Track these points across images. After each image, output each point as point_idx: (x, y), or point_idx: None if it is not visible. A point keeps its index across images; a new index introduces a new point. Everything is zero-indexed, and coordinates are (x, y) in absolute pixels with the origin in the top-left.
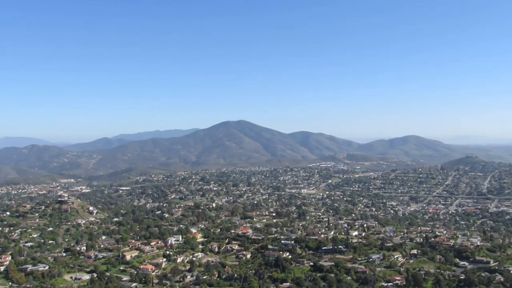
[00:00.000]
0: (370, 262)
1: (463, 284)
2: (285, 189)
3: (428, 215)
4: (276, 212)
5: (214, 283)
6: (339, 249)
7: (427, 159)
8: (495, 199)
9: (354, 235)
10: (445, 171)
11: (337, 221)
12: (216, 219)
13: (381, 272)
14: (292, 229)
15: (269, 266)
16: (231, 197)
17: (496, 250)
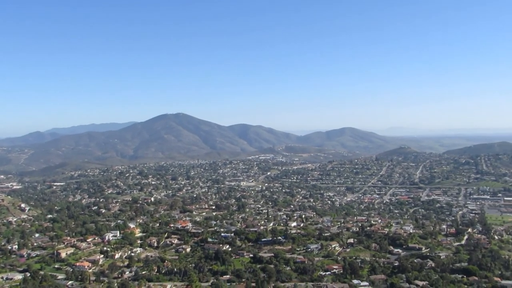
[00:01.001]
0: (309, 252)
1: (397, 270)
2: (224, 182)
3: (364, 205)
4: (215, 205)
5: (153, 278)
6: (278, 240)
7: (362, 150)
8: (427, 188)
9: (293, 226)
10: (379, 162)
11: (276, 213)
12: (154, 214)
13: (319, 262)
14: (232, 222)
15: (209, 259)
16: (170, 191)
17: (427, 237)
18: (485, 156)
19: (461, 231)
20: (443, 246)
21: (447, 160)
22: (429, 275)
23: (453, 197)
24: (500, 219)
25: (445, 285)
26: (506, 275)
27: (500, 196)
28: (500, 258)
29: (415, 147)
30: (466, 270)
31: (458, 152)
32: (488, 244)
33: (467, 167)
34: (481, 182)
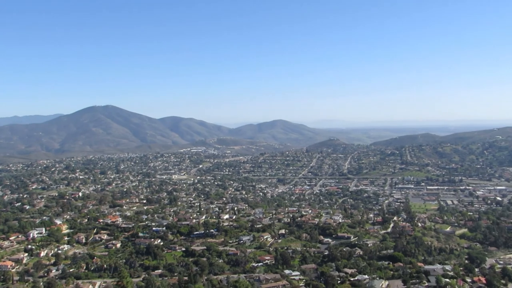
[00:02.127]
0: (241, 244)
1: (327, 259)
2: (155, 175)
3: (295, 196)
4: (146, 199)
5: (82, 275)
6: (211, 233)
7: (293, 143)
8: (355, 178)
9: (225, 219)
10: (310, 154)
11: (208, 206)
12: (83, 209)
13: (252, 253)
14: (164, 216)
15: (140, 254)
16: (99, 186)
17: (356, 226)
18: (409, 147)
19: (387, 220)
20: (370, 234)
21: (374, 152)
22: (357, 262)
23: (379, 187)
24: (423, 207)
25: (373, 272)
26: (429, 260)
27: (423, 185)
28: (423, 244)
29: (344, 139)
30: (392, 256)
31: (384, 144)
32: (412, 231)
33: (392, 158)
34: (406, 172)
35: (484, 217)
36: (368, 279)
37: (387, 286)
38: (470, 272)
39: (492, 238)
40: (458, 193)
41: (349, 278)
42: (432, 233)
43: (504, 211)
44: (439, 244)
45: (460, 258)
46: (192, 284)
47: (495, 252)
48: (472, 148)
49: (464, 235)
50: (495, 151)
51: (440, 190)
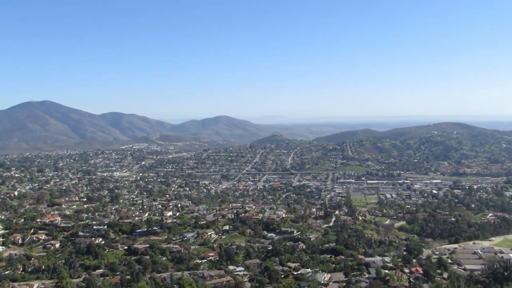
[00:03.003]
0: (185, 241)
1: (271, 254)
2: (96, 172)
3: (239, 192)
4: (87, 197)
5: (18, 277)
6: (154, 230)
7: (237, 138)
8: (298, 173)
9: (168, 216)
10: (253, 150)
11: (151, 203)
12: (19, 208)
13: (196, 250)
14: (105, 214)
15: (80, 254)
16: (36, 184)
17: (299, 220)
18: (350, 143)
19: (329, 214)
20: (313, 228)
21: (316, 147)
22: (300, 256)
23: (322, 182)
24: (364, 201)
25: (315, 265)
26: (369, 253)
27: (363, 179)
28: (364, 237)
29: (287, 134)
30: (334, 250)
31: (326, 139)
32: (353, 224)
33: (334, 153)
34: (347, 167)
35: (421, 210)
36: (311, 273)
37: (329, 279)
38: (408, 263)
39: (429, 229)
40: (397, 187)
41: (292, 272)
42: (372, 226)
43: (439, 204)
44: (379, 237)
45: (398, 249)
46: (135, 283)
47: (431, 243)
48: (409, 143)
49: (403, 227)
50: (431, 146)
51: (380, 184)
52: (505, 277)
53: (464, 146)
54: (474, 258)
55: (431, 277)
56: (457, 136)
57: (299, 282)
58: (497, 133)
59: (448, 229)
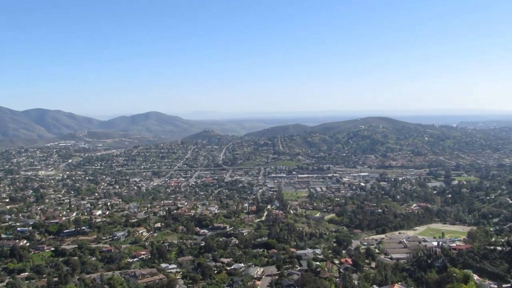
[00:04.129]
0: (115, 240)
1: (204, 250)
2: (19, 171)
3: (171, 189)
4: (10, 198)
5: None
6: (83, 230)
7: (168, 135)
8: (230, 169)
9: (98, 215)
10: (185, 146)
11: (79, 202)
12: None
13: (127, 249)
14: (30, 215)
15: (3, 257)
16: None
17: (231, 216)
18: (281, 138)
19: (261, 208)
20: (245, 223)
21: (248, 142)
22: (233, 251)
23: (254, 177)
24: (295, 194)
25: (248, 260)
26: (301, 245)
27: (294, 173)
28: (295, 230)
29: (219, 130)
30: (267, 244)
31: (258, 134)
32: (285, 218)
33: (266, 148)
34: (278, 162)
35: (350, 202)
36: (244, 267)
37: (262, 273)
38: (338, 254)
39: (357, 221)
40: (327, 180)
41: (225, 267)
42: (303, 219)
43: (367, 196)
44: (310, 229)
45: (329, 241)
46: (63, 285)
47: (360, 234)
48: (338, 137)
49: (332, 219)
50: (359, 140)
51: (310, 178)
52: (428, 264)
53: (389, 139)
54: (400, 247)
55: (360, 267)
56: (383, 130)
57: (232, 277)
58: (420, 127)
59: (376, 220)
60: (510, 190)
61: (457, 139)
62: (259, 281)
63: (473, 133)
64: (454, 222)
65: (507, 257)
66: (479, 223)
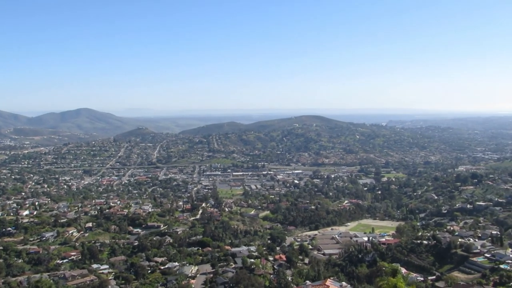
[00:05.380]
0: (44, 241)
1: (137, 250)
2: None
3: (103, 187)
4: None
5: None
6: (8, 231)
7: (100, 132)
8: (164, 167)
9: (25, 215)
10: (118, 143)
11: (4, 202)
12: None
13: (56, 250)
14: None
15: None
16: None
17: (165, 214)
18: (216, 136)
19: (196, 206)
20: (180, 222)
21: (182, 140)
22: (167, 250)
23: (188, 175)
24: (230, 192)
25: (183, 259)
26: (235, 243)
27: (229, 171)
28: (230, 228)
29: (153, 127)
30: (201, 242)
31: (192, 132)
32: (220, 216)
33: (201, 146)
34: (213, 160)
35: (284, 199)
36: (178, 266)
37: (197, 271)
38: (272, 251)
39: (291, 218)
40: (261, 178)
41: (159, 266)
42: (238, 217)
43: (301, 193)
44: (244, 227)
45: (263, 238)
46: None
47: (293, 230)
48: (273, 135)
49: (267, 217)
50: (293, 138)
51: (245, 176)
52: (359, 259)
53: (322, 138)
54: (332, 243)
55: (293, 263)
56: (316, 128)
57: (166, 276)
58: (352, 125)
59: (309, 216)
60: (435, 186)
61: (386, 138)
62: (193, 279)
63: (402, 132)
64: (384, 218)
65: (433, 250)
66: (406, 218)
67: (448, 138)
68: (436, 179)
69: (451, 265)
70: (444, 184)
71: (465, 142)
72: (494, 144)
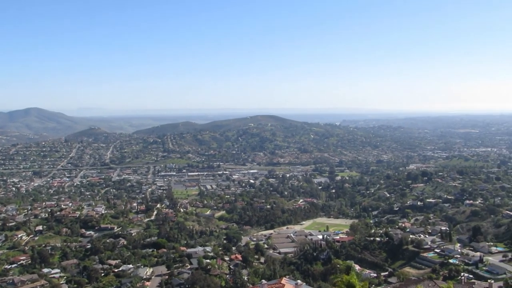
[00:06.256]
0: None
1: (90, 252)
2: None
3: (53, 189)
4: None
5: None
6: None
7: (50, 132)
8: (118, 168)
9: None
10: (69, 144)
11: None
12: None
13: (4, 254)
14: None
15: None
16: None
17: (119, 216)
18: (171, 135)
19: (150, 207)
20: (134, 223)
21: (136, 140)
22: (121, 253)
23: (143, 175)
24: (185, 193)
25: (137, 261)
26: (191, 244)
27: (184, 172)
28: (185, 229)
29: (106, 127)
30: (156, 243)
31: (147, 132)
32: (175, 217)
33: (155, 146)
34: (168, 160)
35: (240, 199)
36: (132, 268)
37: (152, 273)
38: (228, 251)
39: (247, 217)
40: (217, 178)
41: (113, 269)
42: (194, 217)
43: (256, 192)
44: (200, 227)
45: (219, 238)
46: None
47: (249, 230)
48: (228, 135)
49: (223, 217)
50: (248, 137)
51: (201, 176)
52: (314, 257)
53: (277, 137)
54: (287, 241)
55: (249, 263)
56: (272, 128)
57: (121, 279)
58: (306, 125)
59: (264, 216)
60: (387, 184)
61: (340, 137)
62: (148, 281)
63: (355, 131)
64: (338, 216)
65: (385, 247)
66: (360, 216)
67: (400, 137)
68: (388, 177)
69: (403, 261)
70: (395, 182)
71: (416, 141)
72: (443, 142)
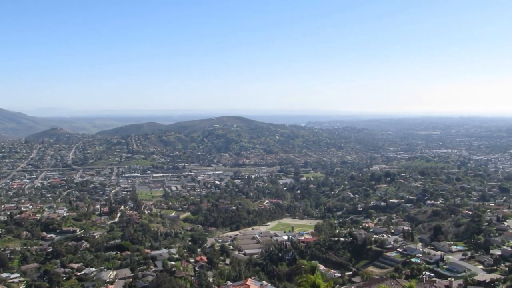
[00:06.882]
0: None
1: (51, 256)
2: None
3: (13, 191)
4: None
5: None
6: None
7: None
8: (80, 169)
9: None
10: (29, 145)
11: None
12: None
13: None
14: None
15: None
16: None
17: (82, 218)
18: (135, 136)
19: (114, 209)
20: (97, 225)
21: (100, 141)
22: (84, 256)
23: (106, 177)
24: (150, 194)
25: (100, 264)
26: (156, 246)
27: (149, 173)
28: (150, 231)
29: (68, 128)
30: (120, 246)
31: (110, 133)
32: (139, 219)
33: (119, 147)
34: (132, 161)
35: (205, 200)
36: (95, 272)
37: (115, 276)
38: (193, 252)
39: (212, 219)
40: (182, 179)
41: (75, 273)
42: (158, 219)
43: (222, 194)
44: (165, 229)
45: (184, 240)
46: None
47: (215, 231)
48: (193, 136)
49: (188, 218)
50: (213, 138)
51: (165, 177)
52: (279, 257)
53: (243, 138)
54: (253, 242)
55: (215, 264)
56: (237, 129)
57: (83, 282)
58: (272, 126)
59: (230, 217)
60: (351, 185)
61: (305, 138)
62: (112, 285)
63: (320, 133)
64: (303, 217)
65: (349, 247)
66: (325, 216)
67: (363, 138)
68: (352, 178)
69: (367, 261)
70: (359, 183)
71: (379, 142)
72: (406, 144)
